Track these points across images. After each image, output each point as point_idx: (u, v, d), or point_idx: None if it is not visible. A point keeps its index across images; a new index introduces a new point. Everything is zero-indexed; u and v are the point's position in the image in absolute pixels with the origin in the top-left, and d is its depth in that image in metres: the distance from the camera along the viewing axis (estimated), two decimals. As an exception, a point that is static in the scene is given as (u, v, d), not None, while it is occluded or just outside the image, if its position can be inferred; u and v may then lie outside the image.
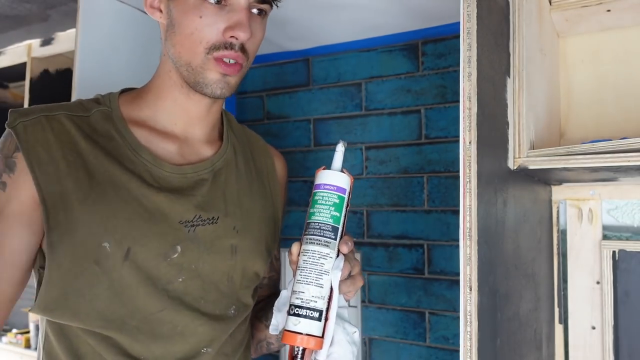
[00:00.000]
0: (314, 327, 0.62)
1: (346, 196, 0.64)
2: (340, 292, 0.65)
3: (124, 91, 0.80)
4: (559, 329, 1.08)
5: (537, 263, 0.92)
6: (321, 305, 0.62)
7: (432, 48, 1.35)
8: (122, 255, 0.67)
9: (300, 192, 1.52)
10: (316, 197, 0.64)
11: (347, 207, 0.65)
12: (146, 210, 0.70)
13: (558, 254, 1.09)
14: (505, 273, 0.71)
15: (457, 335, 1.29)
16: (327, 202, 0.63)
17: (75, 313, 0.67)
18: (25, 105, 1.58)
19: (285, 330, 0.63)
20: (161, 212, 0.71)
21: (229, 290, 0.77)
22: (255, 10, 0.73)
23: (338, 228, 0.63)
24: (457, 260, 1.25)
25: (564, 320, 1.07)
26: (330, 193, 0.63)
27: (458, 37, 0.91)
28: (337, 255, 0.64)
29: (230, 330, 0.78)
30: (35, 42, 1.61)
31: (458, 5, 0.62)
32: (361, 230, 1.43)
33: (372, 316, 1.41)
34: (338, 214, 0.63)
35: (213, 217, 0.75)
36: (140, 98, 0.78)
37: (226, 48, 0.70)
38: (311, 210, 0.64)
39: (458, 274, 0.87)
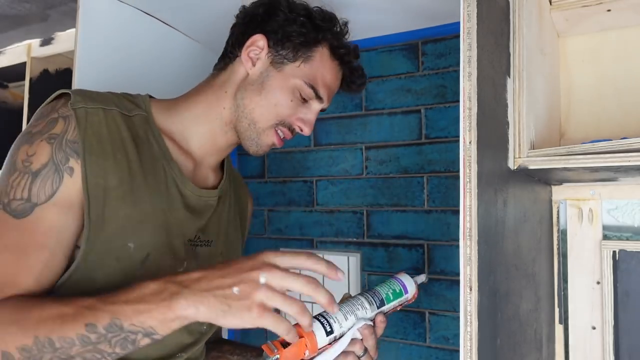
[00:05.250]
0: (320, 334, 0.67)
1: (404, 296, 0.79)
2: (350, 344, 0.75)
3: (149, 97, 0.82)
4: (559, 329, 1.08)
5: (537, 263, 0.92)
6: (336, 328, 0.69)
7: (432, 48, 1.35)
8: (141, 258, 0.69)
9: (300, 192, 1.52)
10: (388, 281, 0.80)
11: (399, 304, 0.79)
12: (169, 222, 0.74)
13: (558, 254, 1.09)
14: (506, 273, 0.71)
15: (457, 335, 1.29)
16: (391, 287, 0.78)
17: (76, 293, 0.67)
18: (25, 105, 1.57)
19: (296, 324, 0.69)
20: (179, 227, 0.75)
21: None
22: None
23: (385, 304, 0.76)
24: (457, 260, 1.25)
25: (564, 320, 1.07)
26: (398, 285, 0.79)
27: (458, 37, 0.90)
28: (372, 319, 0.74)
29: (203, 341, 0.84)
30: (35, 42, 1.60)
31: (458, 5, 0.62)
32: (361, 230, 1.42)
33: (372, 316, 1.41)
34: (391, 298, 0.77)
35: (209, 240, 0.82)
36: (174, 111, 0.81)
37: (288, 128, 0.82)
38: (379, 284, 0.80)
39: (458, 274, 0.87)
